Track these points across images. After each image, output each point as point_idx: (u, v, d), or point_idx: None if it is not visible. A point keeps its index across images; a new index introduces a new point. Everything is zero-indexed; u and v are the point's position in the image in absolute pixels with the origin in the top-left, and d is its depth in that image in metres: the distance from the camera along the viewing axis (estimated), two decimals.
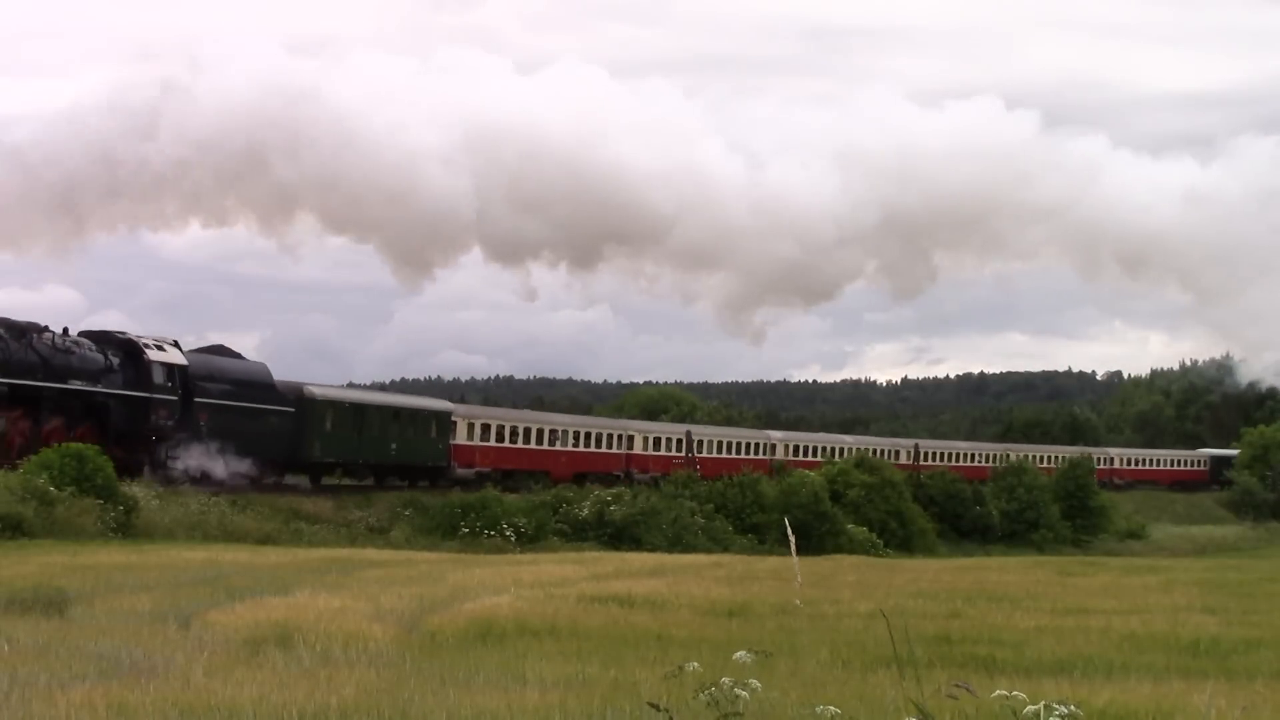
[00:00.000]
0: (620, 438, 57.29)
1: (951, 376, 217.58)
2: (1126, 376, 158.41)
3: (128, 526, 29.52)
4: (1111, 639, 14.78)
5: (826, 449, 69.21)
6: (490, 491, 42.23)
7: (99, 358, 35.10)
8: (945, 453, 77.58)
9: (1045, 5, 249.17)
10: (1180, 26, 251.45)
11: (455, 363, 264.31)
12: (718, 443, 63.98)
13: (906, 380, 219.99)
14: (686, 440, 60.64)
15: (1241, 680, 11.65)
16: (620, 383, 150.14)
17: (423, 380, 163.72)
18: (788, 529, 5.27)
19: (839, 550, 45.06)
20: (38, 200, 38.05)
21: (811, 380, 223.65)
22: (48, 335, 34.21)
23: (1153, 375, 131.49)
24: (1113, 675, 11.88)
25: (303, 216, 45.63)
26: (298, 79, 41.38)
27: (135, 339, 36.64)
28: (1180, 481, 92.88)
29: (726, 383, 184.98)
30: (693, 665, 4.98)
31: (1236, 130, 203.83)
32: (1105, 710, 9.23)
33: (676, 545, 41.03)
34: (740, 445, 65.07)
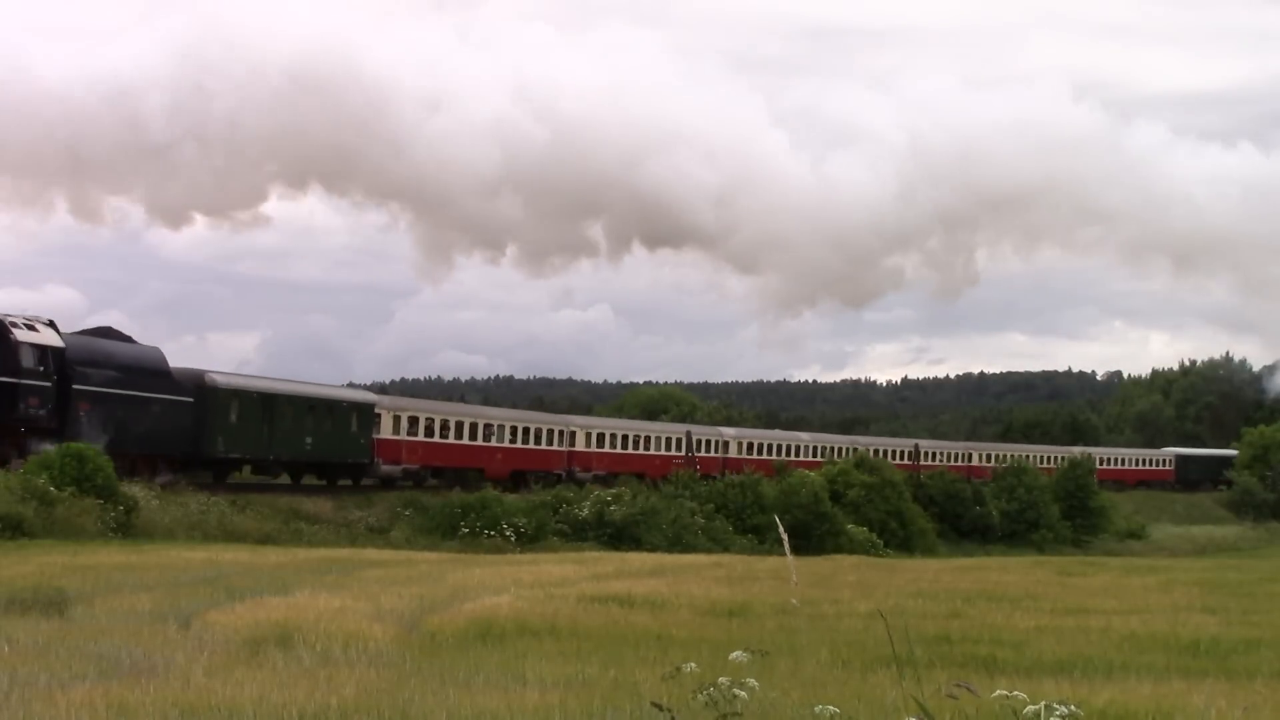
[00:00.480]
0: (562, 434, 53.87)
1: (951, 376, 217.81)
2: (1126, 376, 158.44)
3: (127, 526, 29.52)
4: (1111, 639, 14.78)
5: (779, 446, 66.56)
6: (490, 491, 42.16)
7: None
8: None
9: (1045, 5, 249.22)
10: (1180, 26, 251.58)
11: (455, 363, 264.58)
12: (675, 440, 60.79)
13: (906, 380, 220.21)
14: (687, 440, 60.29)
15: (1241, 680, 11.65)
16: (620, 383, 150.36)
17: (423, 380, 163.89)
18: (780, 530, 5.24)
19: (839, 550, 45.07)
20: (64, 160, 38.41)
21: (811, 380, 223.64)
22: None
23: (1154, 375, 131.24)
24: (1113, 675, 11.88)
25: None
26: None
27: (1, 317, 32.36)
28: (1144, 481, 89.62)
29: (727, 383, 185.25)
30: (690, 666, 4.98)
31: (1236, 131, 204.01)
32: (1105, 710, 9.22)
33: (676, 545, 41.05)
34: (699, 443, 61.64)
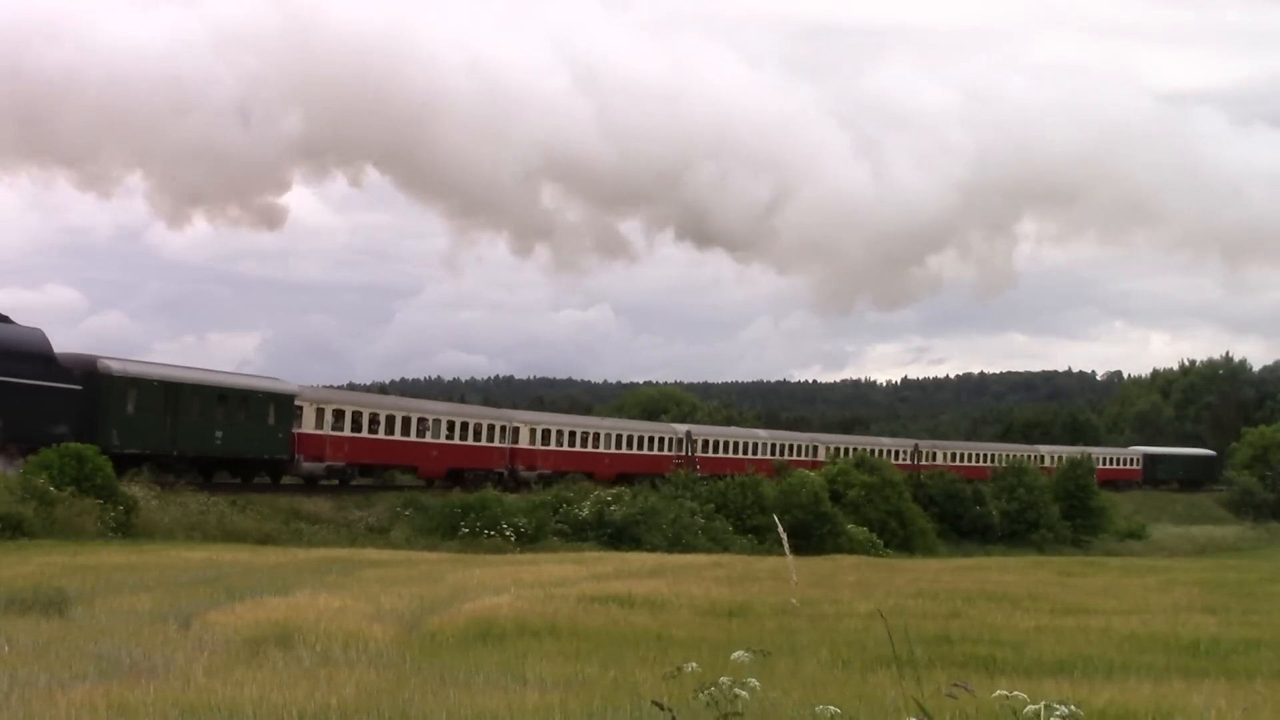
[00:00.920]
0: (504, 430, 50.27)
1: (951, 376, 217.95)
2: (1126, 376, 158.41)
3: (127, 526, 29.52)
4: (1111, 639, 14.78)
5: (746, 445, 64.16)
6: (490, 491, 42.14)
7: None
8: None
9: (1045, 4, 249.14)
10: (1180, 26, 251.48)
11: (455, 363, 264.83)
12: (626, 437, 57.73)
13: (906, 380, 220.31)
14: (686, 439, 60.10)
15: (1241, 680, 11.65)
16: (620, 383, 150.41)
17: (423, 380, 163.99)
18: (779, 528, 5.23)
19: (839, 550, 45.06)
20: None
21: (812, 380, 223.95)
22: None
23: (1154, 375, 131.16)
24: (1113, 675, 11.88)
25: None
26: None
27: None
28: (1111, 481, 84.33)
29: (727, 383, 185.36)
30: (690, 666, 4.97)
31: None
32: (1105, 710, 9.22)
33: (676, 545, 41.03)
34: (644, 440, 58.58)
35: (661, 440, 59.48)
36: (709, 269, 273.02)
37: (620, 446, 56.25)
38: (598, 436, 55.45)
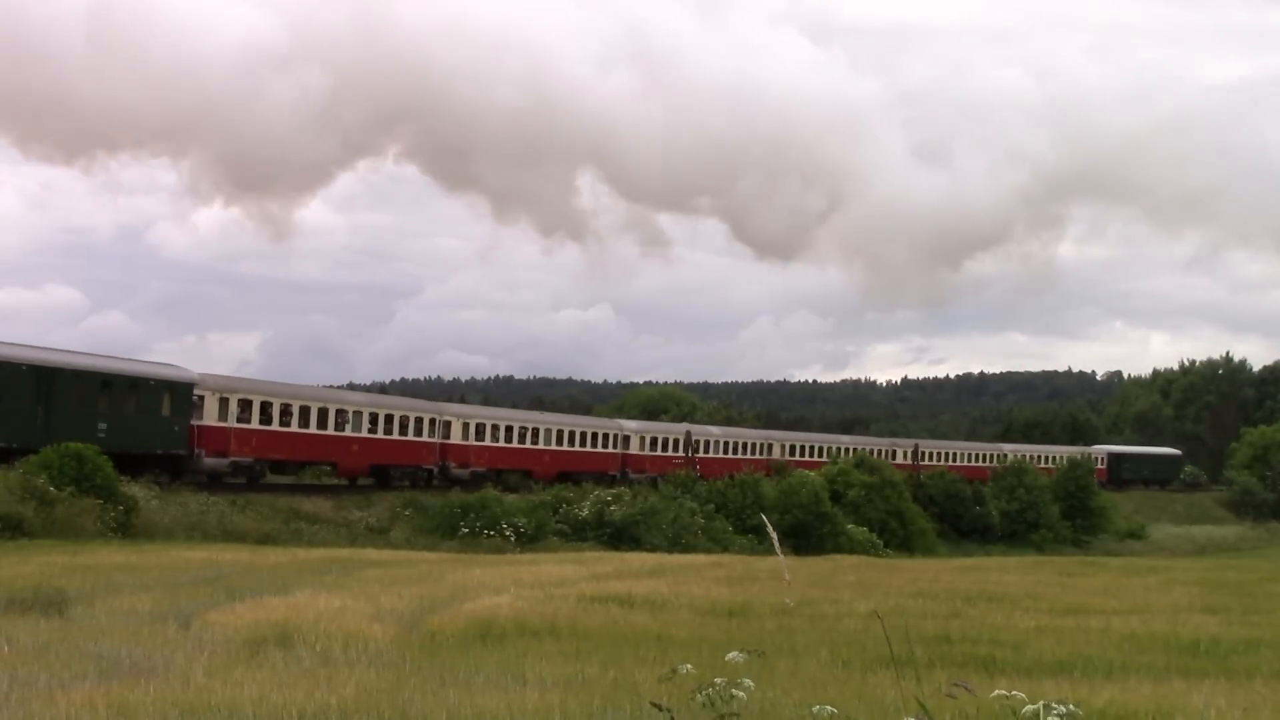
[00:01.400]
0: (434, 423, 47.19)
1: (951, 376, 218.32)
2: (1126, 376, 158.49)
3: (127, 526, 29.52)
4: (1111, 639, 14.78)
5: (680, 442, 60.96)
6: (490, 491, 42.16)
7: None
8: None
9: (1045, 4, 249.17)
10: (1180, 26, 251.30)
11: (456, 363, 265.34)
12: (568, 433, 54.88)
13: (906, 380, 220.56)
14: (687, 439, 60.08)
15: (1241, 680, 11.65)
16: (620, 383, 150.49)
17: (423, 380, 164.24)
18: (768, 526, 5.22)
19: (839, 550, 45.10)
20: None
21: (812, 380, 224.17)
22: None
23: (1154, 375, 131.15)
24: (1113, 675, 11.88)
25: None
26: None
27: None
28: None
29: (727, 383, 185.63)
30: (686, 667, 4.98)
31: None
32: (1105, 710, 9.22)
33: (676, 545, 41.08)
34: (587, 436, 55.86)
35: (605, 437, 56.74)
36: (710, 269, 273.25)
37: (562, 443, 53.59)
38: (537, 432, 52.55)
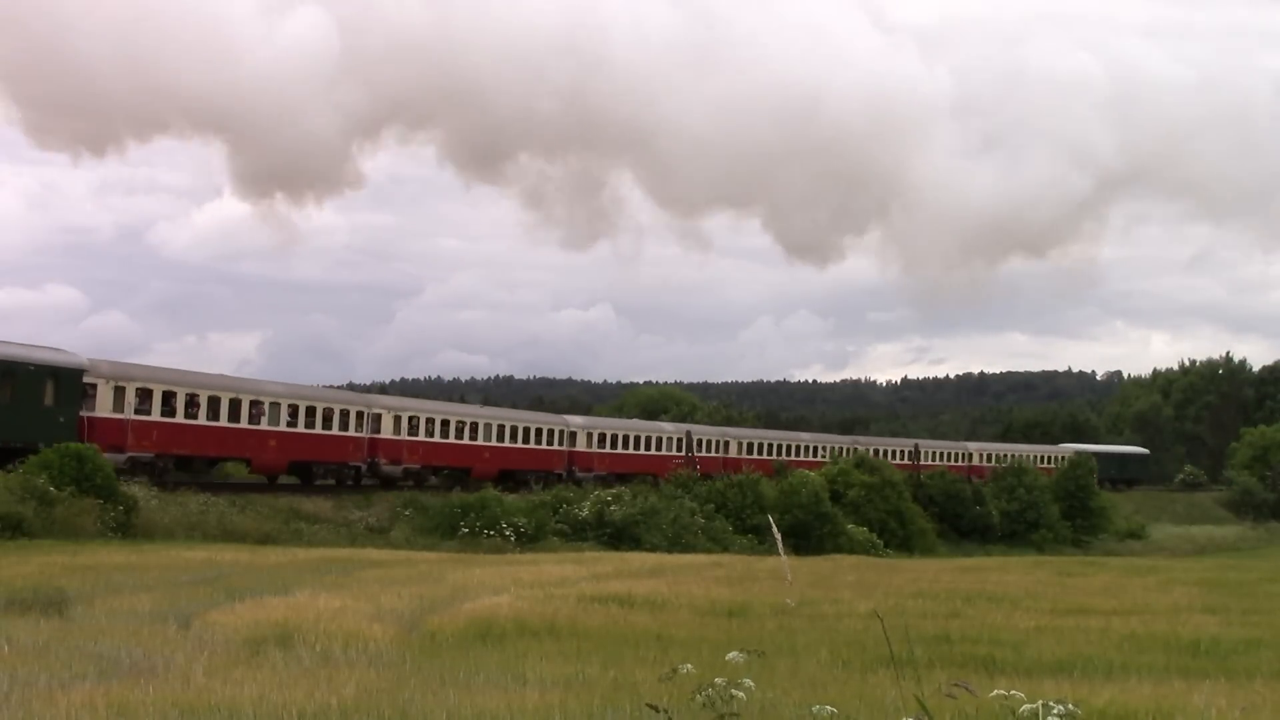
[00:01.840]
0: (362, 417, 43.89)
1: (951, 376, 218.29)
2: (1126, 376, 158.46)
3: (127, 526, 29.52)
4: (1111, 639, 14.78)
5: (634, 438, 58.52)
6: (490, 491, 42.16)
7: None
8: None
9: (1044, 3, 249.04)
10: (1180, 26, 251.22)
11: (456, 363, 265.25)
12: (510, 429, 51.20)
13: (906, 380, 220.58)
14: (687, 439, 59.98)
15: (1241, 680, 11.65)
16: (620, 383, 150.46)
17: (423, 380, 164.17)
18: (772, 526, 5.22)
19: (839, 550, 45.09)
20: None
21: (812, 380, 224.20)
22: None
23: (1154, 375, 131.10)
24: (1113, 675, 11.88)
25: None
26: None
27: None
28: None
29: (727, 383, 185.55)
30: (686, 667, 4.98)
31: None
32: (1105, 710, 9.22)
33: (676, 545, 41.08)
34: (530, 432, 52.24)
35: (551, 433, 52.98)
36: (709, 270, 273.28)
37: (503, 439, 49.97)
38: (475, 427, 48.85)
